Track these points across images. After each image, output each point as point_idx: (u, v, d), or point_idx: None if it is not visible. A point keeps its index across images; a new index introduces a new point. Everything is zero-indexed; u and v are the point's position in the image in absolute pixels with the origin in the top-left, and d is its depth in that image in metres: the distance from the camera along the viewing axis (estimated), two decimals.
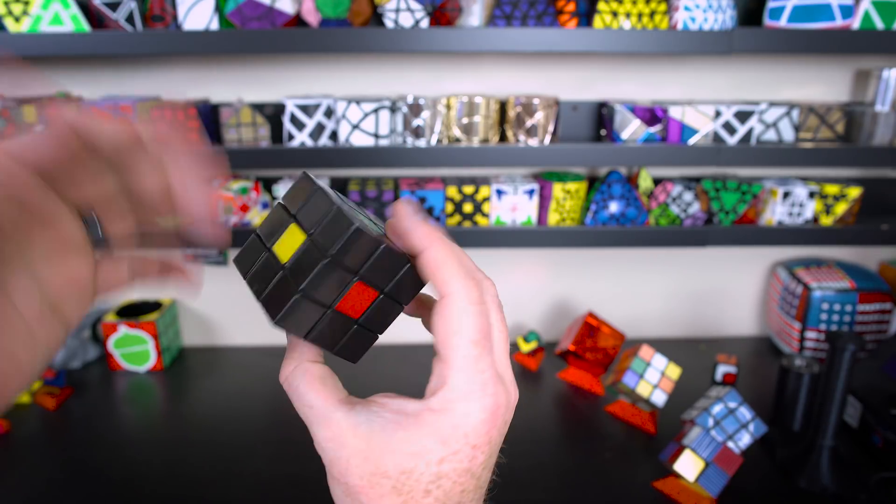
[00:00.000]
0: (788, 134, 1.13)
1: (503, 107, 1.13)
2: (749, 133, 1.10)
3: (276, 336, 1.34)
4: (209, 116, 1.12)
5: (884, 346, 1.06)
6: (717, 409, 0.90)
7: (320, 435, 0.30)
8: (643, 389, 1.01)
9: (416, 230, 0.29)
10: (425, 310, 0.34)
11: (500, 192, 1.12)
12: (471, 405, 0.28)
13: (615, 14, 1.02)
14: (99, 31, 0.99)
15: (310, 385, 0.30)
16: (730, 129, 1.10)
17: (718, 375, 1.15)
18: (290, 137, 1.09)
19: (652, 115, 1.08)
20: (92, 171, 0.28)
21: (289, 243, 0.29)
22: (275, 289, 0.29)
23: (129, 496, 0.88)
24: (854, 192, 1.13)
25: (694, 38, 1.00)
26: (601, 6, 1.02)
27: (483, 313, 0.29)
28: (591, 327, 1.13)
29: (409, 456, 0.28)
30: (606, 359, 1.14)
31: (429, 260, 0.29)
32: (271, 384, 1.20)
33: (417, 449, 0.28)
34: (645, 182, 1.15)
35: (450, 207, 1.13)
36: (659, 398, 1.01)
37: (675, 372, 1.03)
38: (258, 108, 1.15)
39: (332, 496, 0.31)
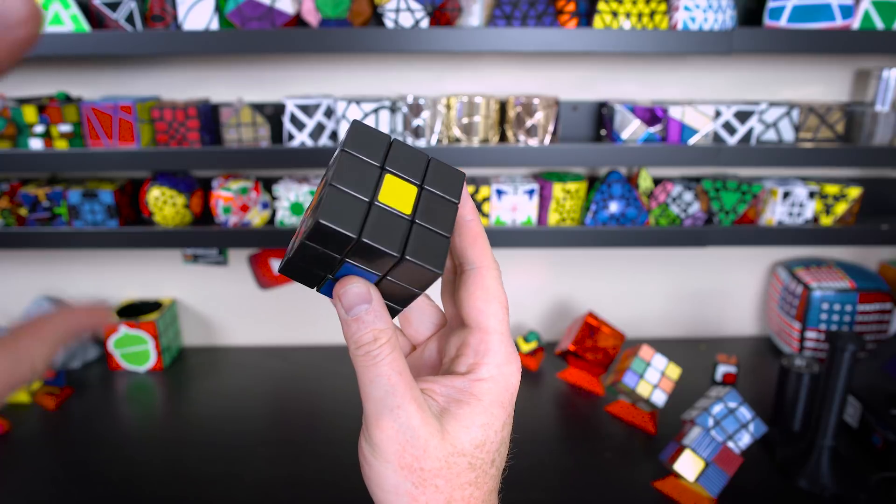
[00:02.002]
0: (788, 134, 1.13)
1: (503, 107, 1.13)
2: (749, 133, 1.10)
3: (275, 336, 1.34)
4: (209, 116, 1.12)
5: (884, 346, 1.06)
6: (717, 409, 0.90)
7: (400, 414, 0.27)
8: (643, 389, 1.01)
9: (469, 200, 0.31)
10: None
11: (500, 192, 1.12)
12: (511, 366, 0.30)
13: (615, 14, 1.02)
14: (99, 31, 0.99)
15: (400, 356, 0.28)
16: (730, 129, 1.10)
17: (718, 375, 1.15)
18: (290, 137, 1.09)
19: (652, 115, 1.08)
20: None
21: (398, 194, 0.28)
22: (417, 240, 0.28)
23: (129, 496, 0.88)
24: (854, 192, 1.13)
25: (694, 38, 1.00)
26: (601, 6, 1.02)
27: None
28: (591, 327, 1.13)
29: (480, 428, 0.29)
30: (606, 359, 1.14)
31: (475, 229, 0.31)
32: (271, 384, 1.20)
33: (486, 419, 0.29)
34: (645, 182, 1.15)
35: None
36: (659, 398, 1.01)
37: (675, 372, 1.03)
38: (258, 108, 1.15)
39: (377, 497, 0.28)
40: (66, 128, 1.07)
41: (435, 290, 0.35)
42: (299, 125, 1.08)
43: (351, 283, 0.28)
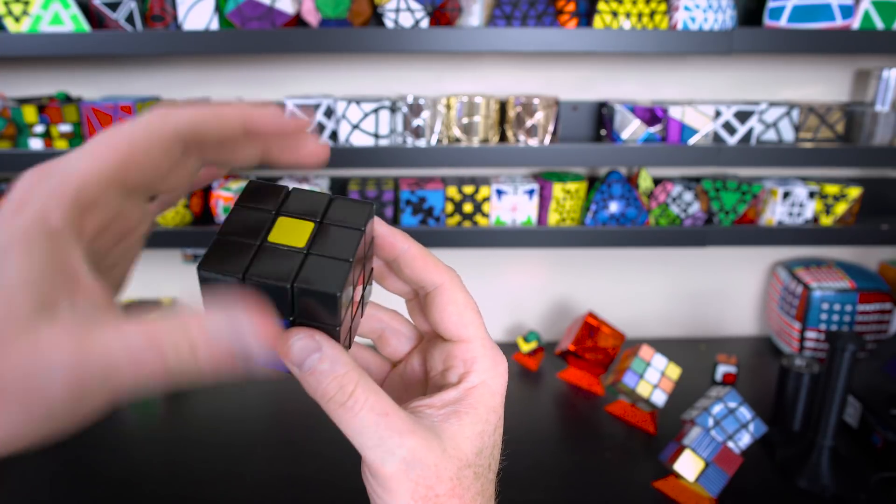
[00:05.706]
0: (788, 134, 1.13)
1: (503, 107, 1.13)
2: (749, 133, 1.10)
3: None
4: None
5: (884, 346, 1.06)
6: (717, 409, 0.90)
7: (404, 454, 0.26)
8: (643, 389, 1.01)
9: (395, 232, 0.31)
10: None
11: (500, 192, 1.12)
12: (500, 368, 0.31)
13: (615, 14, 1.02)
14: (99, 31, 0.99)
15: (379, 394, 0.27)
16: (730, 129, 1.10)
17: (718, 375, 1.15)
18: None
19: (652, 115, 1.08)
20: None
21: (291, 233, 0.28)
22: (310, 269, 0.27)
23: (129, 496, 0.88)
24: (854, 192, 1.13)
25: (694, 38, 1.00)
26: (601, 6, 1.02)
27: None
28: (591, 327, 1.13)
29: (478, 436, 0.29)
30: (606, 359, 1.14)
31: (416, 254, 0.31)
32: (272, 385, 1.20)
33: (481, 427, 0.29)
34: (645, 182, 1.15)
35: (450, 207, 1.13)
36: (659, 398, 1.01)
37: (675, 372, 1.03)
38: None
39: None
40: (66, 128, 1.07)
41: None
42: None
43: (292, 337, 0.26)
